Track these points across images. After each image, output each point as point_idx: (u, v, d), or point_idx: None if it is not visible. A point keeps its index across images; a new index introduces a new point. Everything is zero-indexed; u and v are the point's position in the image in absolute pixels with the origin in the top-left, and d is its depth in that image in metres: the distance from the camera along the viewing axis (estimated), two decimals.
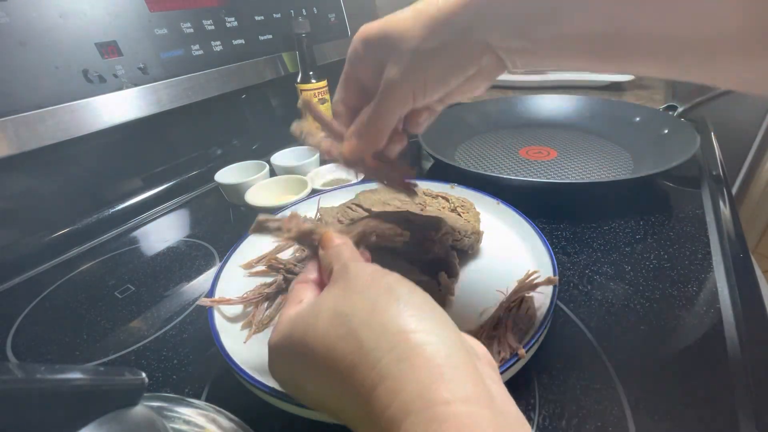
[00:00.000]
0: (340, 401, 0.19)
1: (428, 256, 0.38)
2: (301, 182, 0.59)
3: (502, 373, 0.27)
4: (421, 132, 0.31)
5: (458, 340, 0.18)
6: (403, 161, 0.32)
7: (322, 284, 0.25)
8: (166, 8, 0.59)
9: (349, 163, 0.29)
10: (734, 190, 1.30)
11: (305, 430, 0.28)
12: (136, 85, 0.56)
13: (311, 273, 0.26)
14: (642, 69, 0.21)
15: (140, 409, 0.16)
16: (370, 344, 0.17)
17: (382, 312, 0.18)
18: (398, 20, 0.24)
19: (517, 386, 0.30)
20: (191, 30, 0.62)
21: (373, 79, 0.26)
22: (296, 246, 0.42)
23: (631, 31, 0.20)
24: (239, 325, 0.34)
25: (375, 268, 0.22)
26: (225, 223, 0.59)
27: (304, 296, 0.24)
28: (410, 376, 0.16)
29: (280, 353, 0.22)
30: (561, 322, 0.36)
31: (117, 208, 0.60)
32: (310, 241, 0.27)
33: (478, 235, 0.41)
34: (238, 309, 0.35)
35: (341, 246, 0.25)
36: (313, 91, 0.75)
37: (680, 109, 0.76)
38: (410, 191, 0.33)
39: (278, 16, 0.76)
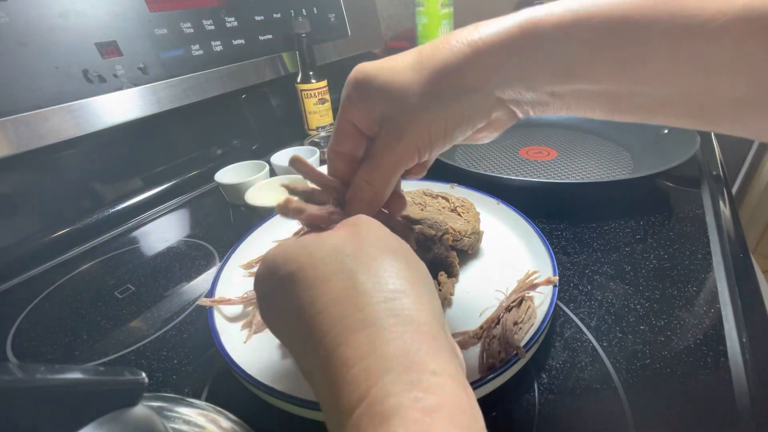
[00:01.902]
0: (305, 342, 0.17)
1: (428, 256, 0.38)
2: (301, 182, 0.58)
3: (502, 373, 0.27)
4: (421, 175, 0.29)
5: (442, 320, 0.18)
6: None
7: None
8: (166, 8, 0.59)
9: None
10: (734, 190, 1.30)
11: (305, 429, 0.28)
12: (136, 85, 0.56)
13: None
14: (667, 122, 0.21)
15: (140, 409, 0.16)
16: (363, 287, 0.17)
17: (383, 265, 0.18)
18: (397, 70, 0.22)
19: (517, 386, 0.30)
20: (191, 30, 0.62)
21: (370, 127, 0.24)
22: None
23: (647, 94, 0.19)
24: (239, 325, 0.34)
25: (383, 226, 0.21)
26: (225, 223, 0.59)
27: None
28: (398, 333, 0.15)
29: (270, 267, 0.20)
30: (561, 322, 0.36)
31: (117, 208, 0.60)
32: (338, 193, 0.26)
33: (478, 235, 0.41)
34: (238, 309, 0.35)
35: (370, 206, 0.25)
36: (313, 90, 0.75)
37: None
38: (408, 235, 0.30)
39: (278, 16, 0.76)
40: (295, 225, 0.45)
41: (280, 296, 0.19)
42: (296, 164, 0.26)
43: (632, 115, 0.21)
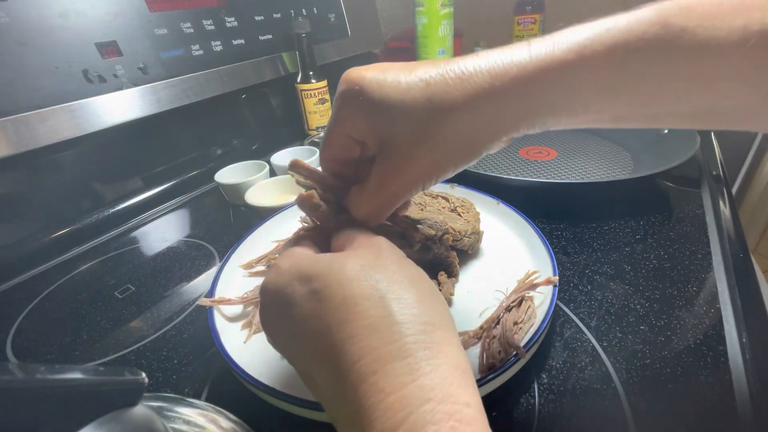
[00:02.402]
0: (323, 361, 0.17)
1: (428, 256, 0.38)
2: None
3: (502, 373, 0.27)
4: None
5: (465, 352, 0.18)
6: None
7: (325, 248, 0.23)
8: (166, 8, 0.59)
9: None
10: (734, 190, 1.30)
11: (305, 430, 0.28)
12: (136, 85, 0.56)
13: (316, 235, 0.24)
14: (675, 126, 0.21)
15: (140, 409, 0.16)
16: (399, 317, 0.17)
17: (416, 295, 0.18)
18: (404, 94, 0.20)
19: (517, 386, 0.30)
20: (191, 30, 0.62)
21: (368, 138, 0.23)
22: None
23: (661, 112, 0.20)
24: (239, 325, 0.34)
25: (403, 254, 0.21)
26: (225, 223, 0.59)
27: (314, 248, 0.23)
28: (433, 366, 0.15)
29: (286, 282, 0.19)
30: (561, 322, 0.36)
31: (117, 208, 0.60)
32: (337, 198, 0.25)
33: (478, 235, 0.41)
34: (238, 309, 0.35)
35: (369, 222, 0.24)
36: (313, 90, 0.75)
37: None
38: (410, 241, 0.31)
39: (278, 16, 0.76)
40: (295, 225, 0.45)
41: (298, 313, 0.19)
42: (295, 168, 0.25)
43: (639, 125, 0.21)
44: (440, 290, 0.35)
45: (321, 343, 0.17)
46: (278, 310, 0.20)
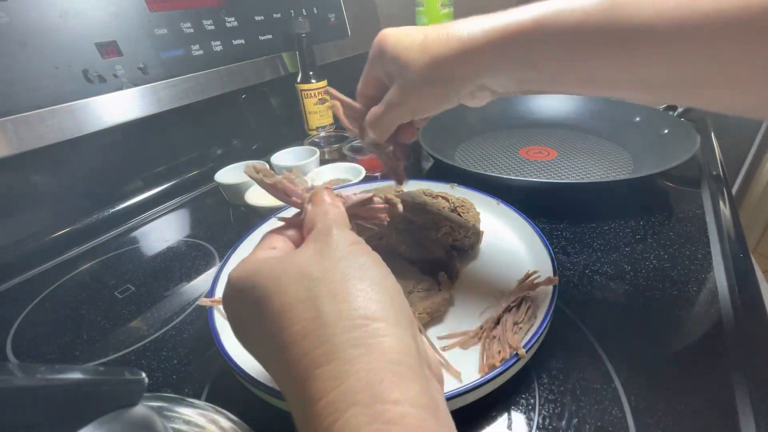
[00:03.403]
0: (279, 367, 0.18)
1: (428, 256, 0.38)
2: (300, 181, 0.58)
3: (501, 373, 0.27)
4: (426, 123, 0.36)
5: (414, 342, 0.17)
6: (402, 153, 0.38)
7: (298, 242, 0.24)
8: (166, 8, 0.59)
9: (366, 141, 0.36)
10: (734, 190, 1.30)
11: None
12: (136, 85, 0.56)
13: (288, 230, 0.25)
14: (635, 99, 0.25)
15: (140, 409, 0.16)
16: (329, 318, 0.16)
17: (351, 290, 0.17)
18: (409, 47, 0.28)
19: (517, 386, 0.30)
20: (191, 30, 0.62)
21: (386, 80, 0.31)
22: None
23: (609, 77, 0.24)
24: None
25: (356, 240, 0.21)
26: (225, 223, 0.59)
27: (276, 245, 0.23)
28: (362, 365, 0.15)
29: (237, 290, 0.20)
30: (561, 322, 0.36)
31: (117, 208, 0.60)
32: (297, 195, 0.26)
33: (478, 235, 0.41)
34: None
35: (330, 205, 0.24)
36: (313, 90, 0.75)
37: (680, 109, 0.76)
38: (398, 178, 0.39)
39: (278, 16, 0.76)
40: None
41: (250, 320, 0.19)
42: (329, 93, 0.36)
43: (599, 92, 0.25)
44: (440, 290, 0.35)
45: (270, 350, 0.18)
46: (234, 320, 0.21)
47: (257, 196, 0.56)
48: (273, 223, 0.46)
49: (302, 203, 0.25)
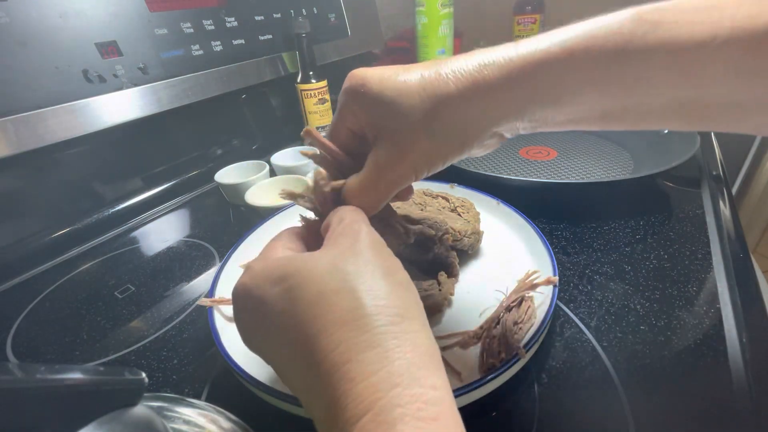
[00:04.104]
0: (299, 357, 0.18)
1: (428, 256, 0.38)
2: (300, 182, 0.59)
3: (502, 373, 0.27)
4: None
5: (434, 339, 0.19)
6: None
7: (313, 244, 0.24)
8: (166, 8, 0.59)
9: None
10: (734, 190, 1.30)
11: (305, 430, 0.28)
12: (136, 85, 0.56)
13: (304, 230, 0.25)
14: (661, 127, 0.22)
15: (140, 409, 0.16)
16: (368, 310, 0.17)
17: (386, 287, 0.18)
18: (403, 87, 0.22)
19: (517, 386, 0.30)
20: (191, 30, 0.62)
21: (368, 134, 0.24)
22: None
23: (646, 106, 0.20)
24: None
25: (383, 242, 0.21)
26: (225, 223, 0.59)
27: (292, 245, 0.23)
28: (401, 353, 0.16)
29: (262, 282, 0.20)
30: (561, 322, 0.36)
31: (117, 208, 0.60)
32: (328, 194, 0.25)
33: (478, 235, 0.41)
34: None
35: (356, 209, 0.24)
36: (313, 90, 0.75)
37: None
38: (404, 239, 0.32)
39: (278, 16, 0.76)
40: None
41: (273, 312, 0.19)
42: (309, 136, 0.27)
43: (625, 125, 0.22)
44: (440, 290, 0.35)
45: (295, 338, 0.18)
46: (251, 311, 0.21)
47: (257, 196, 0.56)
48: (274, 223, 0.46)
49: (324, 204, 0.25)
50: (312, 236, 0.25)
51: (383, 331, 0.17)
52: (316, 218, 0.27)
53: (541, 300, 0.33)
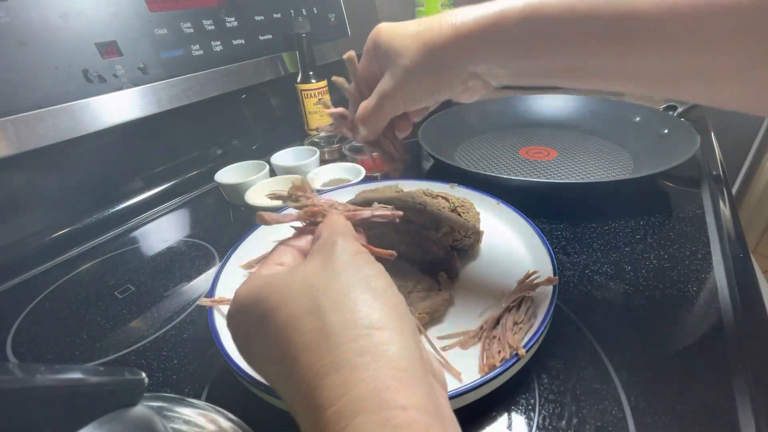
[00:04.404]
0: (286, 380, 0.18)
1: (428, 256, 0.38)
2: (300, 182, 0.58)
3: (501, 373, 0.27)
4: (423, 116, 0.36)
5: (418, 350, 0.17)
6: (399, 146, 0.37)
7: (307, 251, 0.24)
8: (166, 8, 0.59)
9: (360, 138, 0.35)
10: (734, 190, 1.30)
11: None
12: (136, 85, 0.56)
13: (298, 240, 0.25)
14: (635, 90, 0.25)
15: (140, 409, 0.16)
16: (334, 327, 0.17)
17: (355, 300, 0.18)
18: (402, 35, 0.28)
19: (517, 386, 0.30)
20: (191, 30, 0.62)
21: (379, 72, 0.31)
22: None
23: (623, 67, 0.23)
24: None
25: (359, 251, 0.21)
26: (225, 223, 0.59)
27: (284, 259, 0.23)
28: (369, 372, 0.15)
29: (243, 306, 0.21)
30: (561, 322, 0.36)
31: (117, 208, 0.60)
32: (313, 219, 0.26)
33: (478, 235, 0.41)
34: None
35: (337, 217, 0.25)
36: (313, 90, 0.75)
37: (680, 109, 0.76)
38: (397, 163, 0.38)
39: (278, 16, 0.76)
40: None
41: (256, 337, 0.20)
42: (349, 62, 0.34)
43: (591, 84, 0.26)
44: (440, 290, 0.35)
45: (277, 359, 0.18)
46: (240, 337, 0.21)
47: (257, 196, 0.56)
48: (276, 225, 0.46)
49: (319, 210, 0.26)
50: (306, 244, 0.25)
51: (348, 350, 0.16)
52: (308, 225, 0.27)
53: (541, 300, 0.33)
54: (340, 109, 0.35)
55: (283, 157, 0.66)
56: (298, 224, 0.27)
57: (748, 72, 0.20)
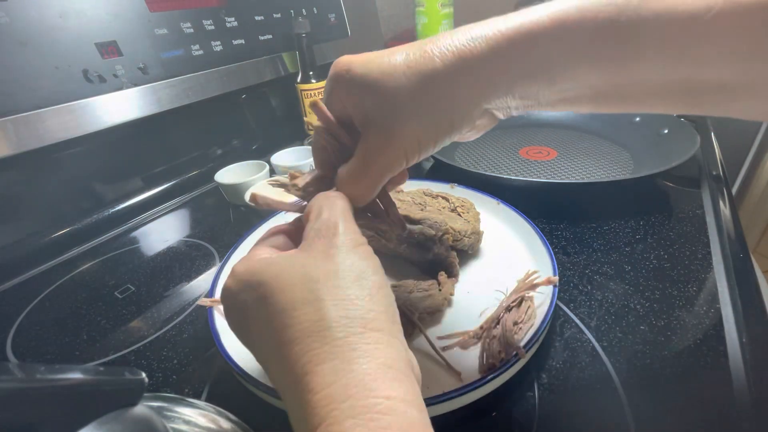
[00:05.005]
0: (278, 362, 0.18)
1: (428, 256, 0.38)
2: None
3: (502, 373, 0.27)
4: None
5: (403, 348, 0.19)
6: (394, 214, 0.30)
7: (298, 242, 0.22)
8: (166, 8, 0.59)
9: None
10: (734, 190, 1.30)
11: None
12: (136, 85, 0.56)
13: (292, 227, 0.25)
14: (651, 110, 0.21)
15: (140, 409, 0.16)
16: (331, 322, 0.18)
17: (351, 297, 0.18)
18: (387, 68, 0.21)
19: (517, 386, 0.30)
20: (191, 30, 0.62)
21: (355, 119, 0.23)
22: None
23: (638, 85, 0.20)
24: None
25: (360, 242, 0.21)
26: (225, 223, 0.59)
27: (279, 243, 0.23)
28: (359, 365, 0.16)
29: (241, 286, 0.21)
30: (561, 322, 0.36)
31: (117, 208, 0.60)
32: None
33: (478, 235, 0.41)
34: None
35: (337, 198, 0.22)
36: (313, 90, 0.75)
37: None
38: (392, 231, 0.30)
39: (278, 16, 0.76)
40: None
41: (251, 316, 0.20)
42: (315, 108, 0.24)
43: (618, 107, 0.21)
44: (440, 290, 0.35)
45: (272, 343, 0.19)
46: (234, 313, 0.22)
47: (261, 190, 0.56)
48: (274, 223, 0.46)
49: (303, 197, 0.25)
50: (298, 232, 0.24)
51: (342, 343, 0.17)
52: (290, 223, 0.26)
53: (541, 300, 0.33)
54: (306, 177, 0.26)
55: (283, 157, 0.66)
56: (293, 215, 0.26)
57: None
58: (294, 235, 0.25)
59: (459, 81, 0.20)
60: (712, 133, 0.70)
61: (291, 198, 0.26)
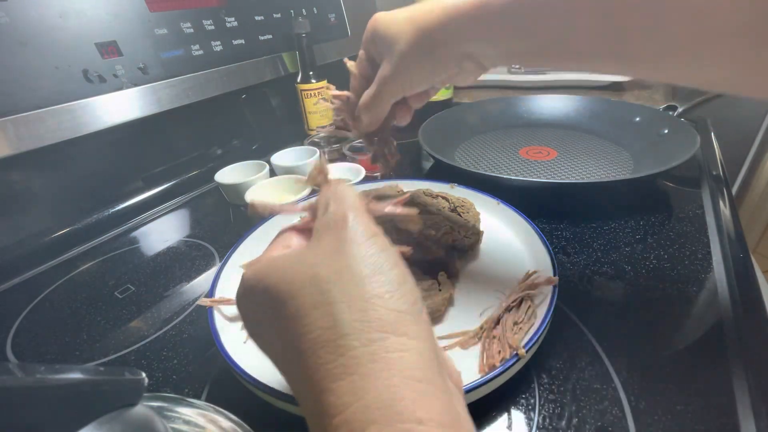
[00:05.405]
0: (295, 373, 0.17)
1: (428, 256, 0.38)
2: (300, 182, 0.58)
3: (501, 373, 0.27)
4: (423, 104, 0.37)
5: (434, 354, 0.16)
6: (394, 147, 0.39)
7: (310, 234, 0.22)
8: (166, 8, 0.59)
9: (361, 132, 0.37)
10: (734, 190, 1.30)
11: (304, 430, 0.28)
12: (136, 85, 0.56)
13: (305, 226, 0.24)
14: (623, 72, 0.25)
15: (140, 409, 0.16)
16: (345, 329, 0.15)
17: (367, 297, 0.16)
18: (397, 22, 0.29)
19: (517, 386, 0.30)
20: (191, 30, 0.62)
21: (378, 60, 0.32)
22: None
23: (614, 37, 0.22)
24: (239, 325, 0.34)
25: (374, 233, 0.19)
26: (225, 223, 0.59)
27: (291, 242, 0.22)
28: (381, 381, 0.14)
29: (250, 291, 0.20)
30: (561, 322, 0.36)
31: (117, 208, 0.60)
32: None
33: (478, 235, 0.41)
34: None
35: (347, 189, 0.21)
36: (313, 90, 0.75)
37: (680, 109, 0.76)
38: (387, 165, 0.39)
39: (278, 16, 0.76)
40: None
41: (264, 322, 0.19)
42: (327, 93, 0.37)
43: (581, 63, 0.26)
44: (440, 290, 0.35)
45: (287, 349, 0.17)
46: (248, 316, 0.21)
47: (257, 196, 0.56)
48: (274, 223, 0.46)
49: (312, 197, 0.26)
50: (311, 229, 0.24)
51: (360, 353, 0.15)
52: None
53: (541, 300, 0.33)
54: (344, 92, 0.37)
55: (283, 157, 0.66)
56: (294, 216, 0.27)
57: (741, 50, 0.19)
58: (307, 233, 0.23)
59: (442, 30, 0.27)
60: (712, 133, 0.70)
61: (291, 198, 0.27)
